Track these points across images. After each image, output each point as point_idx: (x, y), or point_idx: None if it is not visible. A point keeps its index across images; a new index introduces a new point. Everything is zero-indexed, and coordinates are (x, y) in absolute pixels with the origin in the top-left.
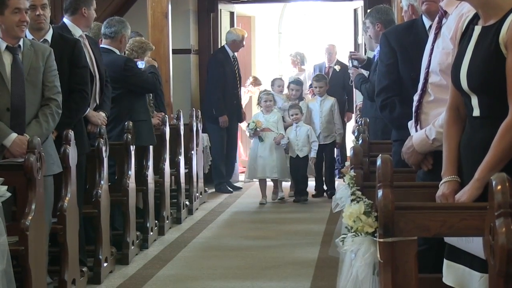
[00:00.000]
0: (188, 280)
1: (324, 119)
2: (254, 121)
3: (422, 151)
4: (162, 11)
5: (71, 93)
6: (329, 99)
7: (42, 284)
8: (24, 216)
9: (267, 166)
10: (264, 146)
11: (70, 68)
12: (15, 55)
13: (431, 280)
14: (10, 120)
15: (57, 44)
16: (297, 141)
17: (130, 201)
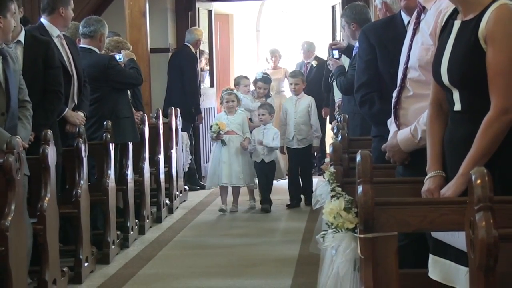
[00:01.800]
0: (170, 278)
1: (298, 120)
2: (217, 123)
3: (408, 150)
4: (140, 10)
5: (46, 93)
6: (306, 98)
7: (23, 284)
8: (4, 216)
9: (233, 172)
10: (228, 151)
11: (44, 69)
12: (5, 57)
13: (412, 275)
14: (5, 123)
15: (31, 45)
16: (261, 145)
17: (110, 200)
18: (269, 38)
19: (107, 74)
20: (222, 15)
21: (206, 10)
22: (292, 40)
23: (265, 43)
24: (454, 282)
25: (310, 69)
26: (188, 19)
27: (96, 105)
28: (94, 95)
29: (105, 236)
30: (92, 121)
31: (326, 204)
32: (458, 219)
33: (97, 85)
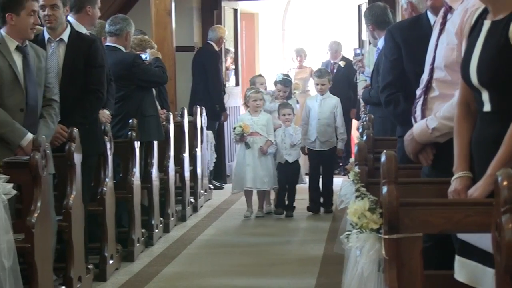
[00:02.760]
0: (193, 277)
1: (322, 121)
2: (241, 125)
3: (421, 141)
4: (166, 8)
5: (86, 93)
6: (331, 98)
7: (48, 281)
8: (30, 213)
9: (257, 176)
10: (252, 153)
11: (86, 67)
12: (25, 54)
13: (436, 276)
14: (24, 120)
15: (74, 43)
16: (284, 144)
17: (135, 198)
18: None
19: (132, 72)
20: (247, 14)
21: (232, 9)
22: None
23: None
24: (480, 284)
25: (338, 70)
26: (214, 18)
27: (121, 103)
28: (120, 93)
29: (130, 234)
30: (117, 119)
31: (351, 204)
32: (483, 220)
33: (122, 84)
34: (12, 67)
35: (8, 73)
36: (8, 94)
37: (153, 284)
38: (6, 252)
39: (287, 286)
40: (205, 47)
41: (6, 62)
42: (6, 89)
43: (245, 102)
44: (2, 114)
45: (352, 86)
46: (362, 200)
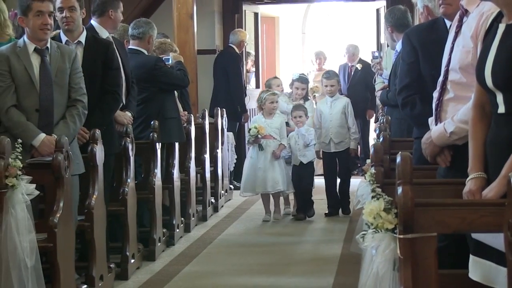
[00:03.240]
0: (213, 276)
1: (335, 122)
2: (256, 127)
3: (439, 144)
4: (188, 12)
5: (104, 94)
6: (341, 99)
7: (70, 279)
8: (53, 213)
9: (268, 179)
10: (265, 156)
11: (103, 70)
12: (43, 57)
13: (451, 276)
14: (38, 120)
15: (91, 45)
16: (298, 145)
17: (156, 198)
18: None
19: (154, 75)
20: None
21: (253, 13)
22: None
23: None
24: (494, 283)
25: (355, 72)
26: (235, 22)
27: (143, 105)
28: (141, 96)
29: (151, 233)
30: (139, 121)
31: (366, 204)
32: (497, 221)
33: (144, 86)
34: (28, 69)
35: (24, 75)
36: (24, 95)
37: (173, 283)
38: (29, 252)
39: (305, 285)
40: (226, 50)
41: (22, 65)
42: (22, 91)
43: (260, 104)
44: (16, 115)
45: (369, 88)
46: (378, 201)
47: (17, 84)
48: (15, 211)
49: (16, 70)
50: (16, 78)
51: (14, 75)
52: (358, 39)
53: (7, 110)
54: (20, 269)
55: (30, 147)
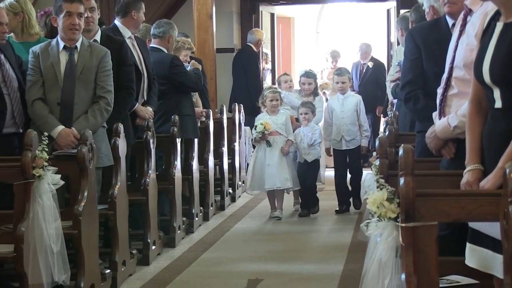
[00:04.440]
0: (230, 262)
1: (346, 120)
2: (262, 123)
3: (443, 137)
4: (207, 12)
5: (119, 90)
6: (353, 96)
7: (94, 264)
8: (77, 202)
9: (276, 175)
10: (272, 153)
11: (117, 67)
12: (70, 54)
13: (451, 262)
14: (60, 113)
15: (105, 44)
16: (303, 144)
17: (176, 189)
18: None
19: (170, 72)
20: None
21: (269, 13)
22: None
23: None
24: (491, 270)
25: (366, 70)
26: (252, 22)
27: (161, 101)
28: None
29: (172, 221)
30: (157, 116)
31: (370, 194)
32: (494, 210)
33: (161, 82)
34: (54, 65)
35: (50, 71)
36: (49, 89)
37: (192, 268)
38: (55, 238)
39: (316, 271)
40: (245, 48)
41: (50, 61)
42: (48, 85)
43: (262, 101)
44: (39, 108)
45: (380, 85)
46: (381, 191)
47: (44, 78)
48: (42, 200)
49: (45, 66)
50: (43, 73)
51: (42, 70)
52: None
53: (32, 103)
54: (47, 254)
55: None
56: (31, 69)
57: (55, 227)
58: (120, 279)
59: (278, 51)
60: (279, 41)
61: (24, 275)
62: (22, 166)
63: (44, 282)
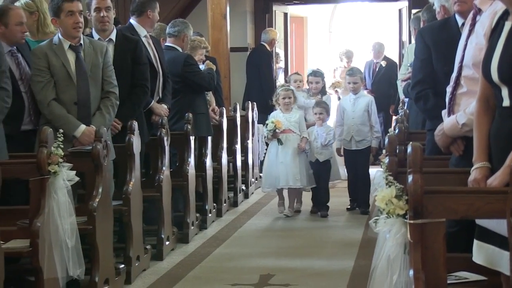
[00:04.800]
0: (242, 258)
1: (357, 120)
2: (273, 121)
3: (451, 135)
4: (221, 12)
5: (133, 87)
6: (365, 97)
7: (108, 259)
8: (92, 198)
9: (290, 173)
10: (285, 151)
11: (132, 65)
12: (77, 53)
13: (458, 259)
14: (77, 113)
15: (121, 43)
16: (316, 143)
17: (190, 185)
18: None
19: (183, 71)
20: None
21: (282, 13)
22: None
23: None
24: (498, 266)
25: (379, 69)
26: (266, 21)
27: (175, 99)
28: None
29: (185, 217)
30: (172, 114)
31: (379, 191)
32: (501, 207)
33: (175, 80)
34: (65, 65)
35: (61, 71)
36: (62, 89)
37: (205, 264)
38: (69, 233)
39: (327, 266)
40: (258, 48)
41: (60, 61)
42: (61, 85)
43: (275, 99)
44: (57, 109)
45: (392, 84)
46: (390, 188)
47: (56, 79)
48: (57, 196)
49: (55, 66)
50: (55, 74)
51: (52, 71)
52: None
53: (48, 104)
54: (62, 249)
55: (71, 138)
56: (39, 70)
57: (70, 222)
58: (134, 274)
59: (291, 50)
60: (292, 40)
61: (40, 270)
62: (37, 163)
63: (59, 276)
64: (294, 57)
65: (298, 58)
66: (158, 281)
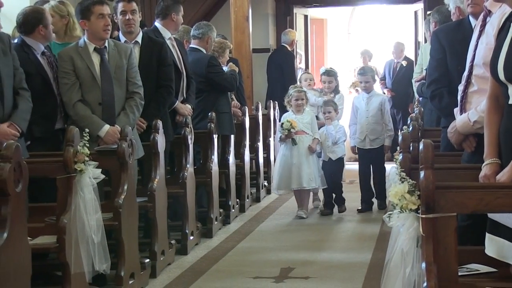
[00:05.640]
0: (264, 251)
1: (370, 119)
2: (289, 121)
3: (464, 132)
4: (244, 15)
5: (159, 88)
6: (378, 96)
7: (134, 254)
8: (118, 195)
9: (304, 174)
10: (298, 151)
11: (157, 66)
12: (102, 55)
13: (469, 252)
14: (102, 113)
15: (146, 45)
16: (327, 142)
17: (213, 182)
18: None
19: (207, 71)
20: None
21: (303, 15)
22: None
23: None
24: (508, 259)
25: (400, 68)
26: (287, 23)
27: (199, 98)
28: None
29: (209, 213)
30: (195, 113)
31: (392, 187)
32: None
33: (199, 81)
34: (90, 67)
35: (86, 73)
36: (87, 90)
37: (228, 257)
38: (95, 229)
39: (346, 260)
40: (280, 49)
41: (84, 63)
42: (86, 86)
43: (287, 101)
44: (82, 110)
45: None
46: (403, 184)
47: (81, 81)
48: (83, 193)
49: (80, 68)
50: (80, 76)
51: (78, 73)
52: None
53: (74, 105)
54: (88, 244)
55: (96, 137)
56: (65, 73)
57: (96, 218)
58: (159, 268)
59: (312, 51)
60: (313, 42)
61: (67, 265)
62: (64, 161)
63: (85, 271)
64: (314, 58)
65: (319, 58)
66: (182, 275)
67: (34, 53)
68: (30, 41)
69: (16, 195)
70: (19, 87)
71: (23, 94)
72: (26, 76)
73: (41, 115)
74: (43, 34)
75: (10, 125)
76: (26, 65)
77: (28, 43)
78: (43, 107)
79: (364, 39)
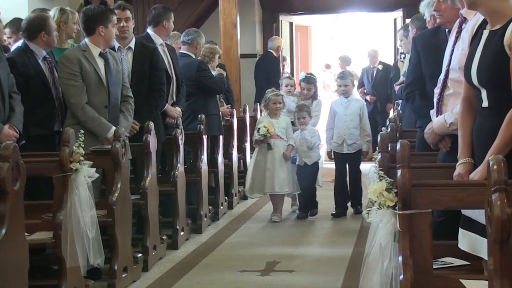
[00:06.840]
0: (251, 246)
1: (349, 123)
2: (265, 126)
3: (440, 133)
4: (232, 22)
5: (151, 91)
6: (356, 101)
7: (127, 249)
8: (112, 193)
9: (276, 179)
10: (272, 156)
11: (150, 71)
12: (106, 60)
13: (444, 246)
14: (108, 116)
15: (139, 50)
16: (302, 147)
17: (203, 180)
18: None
19: (196, 75)
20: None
21: (288, 22)
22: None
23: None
24: (479, 252)
25: (377, 73)
26: (273, 30)
27: (189, 101)
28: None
29: (199, 210)
30: (186, 115)
31: (370, 185)
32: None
33: (189, 84)
34: (97, 71)
35: (93, 76)
36: (94, 93)
37: (217, 252)
38: (90, 225)
39: (328, 253)
40: (266, 54)
41: (92, 66)
42: (92, 89)
43: (264, 104)
44: (91, 111)
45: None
46: (381, 182)
47: (87, 83)
48: (79, 191)
49: (88, 71)
50: (86, 78)
51: (84, 76)
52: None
53: (83, 107)
54: (83, 239)
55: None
56: (73, 75)
57: (90, 215)
58: (151, 262)
59: (297, 57)
60: (298, 48)
61: (62, 259)
62: (60, 161)
63: (80, 265)
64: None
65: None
66: (173, 268)
67: (35, 57)
68: (33, 46)
69: (14, 193)
70: (11, 91)
71: (16, 98)
72: (26, 79)
73: (39, 117)
74: (45, 41)
75: (10, 126)
76: (26, 68)
77: (31, 47)
78: (41, 109)
79: (346, 45)
